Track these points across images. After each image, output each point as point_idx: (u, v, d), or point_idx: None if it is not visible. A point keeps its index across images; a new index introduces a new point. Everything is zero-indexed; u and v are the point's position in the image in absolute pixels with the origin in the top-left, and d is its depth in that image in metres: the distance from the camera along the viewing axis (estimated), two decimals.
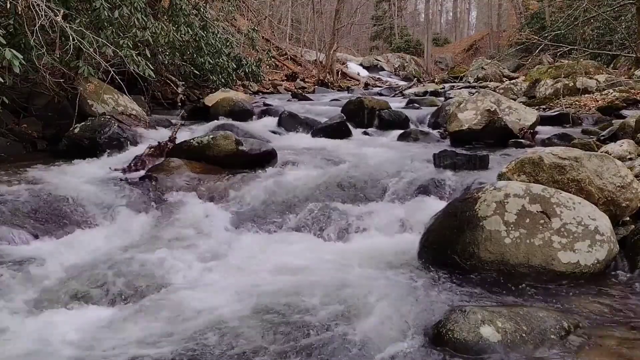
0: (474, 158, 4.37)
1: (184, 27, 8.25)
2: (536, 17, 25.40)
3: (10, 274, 2.69)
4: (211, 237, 3.38)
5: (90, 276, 2.68)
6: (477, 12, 52.57)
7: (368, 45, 41.10)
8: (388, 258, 2.94)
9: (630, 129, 5.04)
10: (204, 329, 2.17)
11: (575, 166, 3.12)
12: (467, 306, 2.13)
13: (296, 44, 26.22)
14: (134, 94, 7.38)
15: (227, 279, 2.72)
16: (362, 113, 7.50)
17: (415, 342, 2.02)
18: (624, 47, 13.54)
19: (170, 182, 4.26)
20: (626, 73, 11.83)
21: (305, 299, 2.42)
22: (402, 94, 14.14)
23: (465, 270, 2.68)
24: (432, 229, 2.98)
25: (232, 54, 10.81)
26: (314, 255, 3.05)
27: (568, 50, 11.79)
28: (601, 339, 2.02)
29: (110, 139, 5.45)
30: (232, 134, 4.92)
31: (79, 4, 6.28)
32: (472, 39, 40.05)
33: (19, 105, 6.10)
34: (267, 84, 16.01)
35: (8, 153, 5.35)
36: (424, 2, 38.29)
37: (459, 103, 6.40)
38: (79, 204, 3.78)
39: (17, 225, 3.29)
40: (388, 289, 2.52)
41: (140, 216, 3.73)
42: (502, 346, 1.91)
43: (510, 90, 10.69)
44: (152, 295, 2.52)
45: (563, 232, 2.64)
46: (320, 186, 4.06)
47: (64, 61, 5.75)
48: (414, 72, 28.34)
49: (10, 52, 4.30)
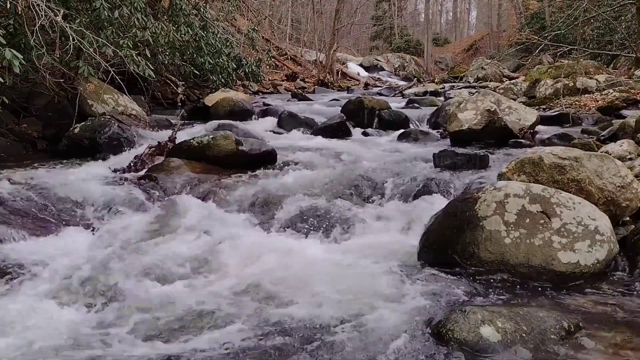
0: (474, 158, 4.37)
1: (184, 27, 8.26)
2: (536, 17, 25.40)
3: (10, 273, 2.69)
4: (211, 237, 3.37)
5: (89, 276, 2.68)
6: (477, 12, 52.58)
7: (368, 45, 41.09)
8: (388, 258, 2.94)
9: (630, 129, 5.04)
10: (203, 329, 2.17)
11: (575, 166, 3.12)
12: (467, 306, 2.13)
13: (296, 44, 26.22)
14: (134, 94, 7.38)
15: (227, 278, 2.72)
16: (362, 113, 7.50)
17: (415, 342, 2.02)
18: (624, 47, 13.54)
19: (170, 182, 4.26)
20: (626, 73, 11.82)
21: (304, 298, 2.42)
22: (402, 94, 14.14)
23: (465, 270, 2.68)
24: (432, 229, 2.98)
25: (232, 54, 10.81)
26: (313, 255, 3.05)
27: (568, 50, 11.79)
28: (601, 339, 2.02)
29: (110, 139, 5.45)
30: (232, 134, 4.93)
31: (79, 4, 6.28)
32: (472, 39, 40.05)
33: (19, 105, 6.09)
34: (267, 84, 16.01)
35: (8, 153, 5.35)
36: (424, 2, 38.30)
37: (459, 103, 6.40)
38: (78, 204, 3.78)
39: (17, 225, 3.29)
40: (388, 288, 2.52)
41: (140, 216, 3.73)
42: (502, 346, 1.91)
43: (510, 90, 10.69)
44: (151, 295, 2.51)
45: (563, 232, 2.64)
46: (319, 186, 4.06)
47: (64, 61, 5.75)
48: (414, 72, 28.33)
49: (10, 52, 4.30)
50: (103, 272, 2.70)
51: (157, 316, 2.30)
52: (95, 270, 2.74)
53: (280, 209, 3.77)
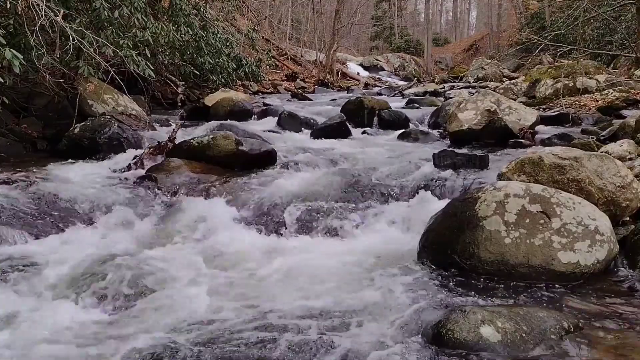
0: (474, 158, 4.37)
1: (184, 27, 8.25)
2: (536, 17, 25.42)
3: (10, 274, 2.69)
4: (211, 237, 3.37)
5: (89, 276, 2.67)
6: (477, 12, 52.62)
7: (368, 45, 41.11)
8: (387, 258, 2.94)
9: (630, 129, 5.03)
10: (203, 330, 2.17)
11: (575, 166, 3.12)
12: (467, 306, 2.13)
13: (296, 44, 26.23)
14: (134, 94, 7.37)
15: (227, 278, 2.73)
16: (362, 113, 7.50)
17: (415, 342, 2.02)
18: (624, 47, 13.53)
19: (170, 182, 4.26)
20: (626, 73, 11.82)
21: (304, 298, 2.42)
22: (402, 94, 14.14)
23: (465, 270, 2.68)
24: (431, 229, 2.98)
25: (232, 54, 10.81)
26: (313, 255, 3.05)
27: (568, 50, 11.78)
28: (601, 339, 2.02)
29: (110, 139, 5.45)
30: (232, 134, 4.92)
31: (79, 4, 6.28)
32: (472, 39, 40.07)
33: (19, 105, 6.09)
34: (267, 84, 16.00)
35: (8, 153, 5.34)
36: (424, 2, 38.28)
37: (459, 103, 6.40)
38: (78, 204, 3.78)
39: (17, 225, 3.29)
40: (387, 288, 2.52)
41: (140, 216, 3.73)
42: (502, 346, 1.91)
43: (510, 90, 10.68)
44: (151, 295, 2.51)
45: (563, 232, 2.64)
46: (319, 186, 4.05)
47: (64, 61, 5.75)
48: (414, 72, 28.34)
49: (10, 52, 4.30)
50: (103, 273, 2.69)
51: (158, 316, 2.30)
52: (95, 271, 2.73)
53: (280, 209, 3.76)
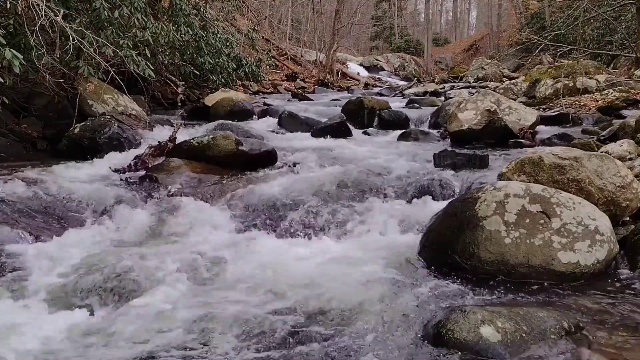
0: (474, 158, 4.37)
1: (184, 27, 8.25)
2: (536, 17, 25.42)
3: (10, 274, 2.69)
4: (211, 237, 3.38)
5: (89, 276, 2.67)
6: (477, 12, 52.62)
7: (368, 45, 41.10)
8: (388, 258, 2.93)
9: (630, 129, 5.03)
10: (202, 329, 2.17)
11: (575, 166, 3.12)
12: (467, 306, 2.13)
13: (296, 44, 26.22)
14: (134, 94, 7.37)
15: (226, 278, 2.73)
16: (362, 113, 7.51)
17: (415, 342, 2.02)
18: (624, 47, 13.53)
19: (171, 182, 4.26)
20: (626, 73, 11.82)
21: (304, 298, 2.42)
22: (402, 94, 14.14)
23: (465, 270, 2.68)
24: (432, 229, 2.98)
25: (232, 54, 10.80)
26: (313, 255, 3.05)
27: (568, 50, 11.78)
28: (601, 339, 2.02)
29: (110, 139, 5.45)
30: (232, 134, 4.92)
31: (79, 4, 6.28)
32: (472, 39, 40.07)
33: (19, 105, 6.09)
34: (267, 84, 15.99)
35: (8, 153, 5.34)
36: (424, 2, 38.28)
37: (459, 103, 6.40)
38: (79, 204, 3.78)
39: (17, 225, 3.29)
40: (388, 288, 2.52)
41: (140, 216, 3.72)
42: (502, 346, 1.91)
43: (510, 90, 10.68)
44: (150, 295, 2.51)
45: (563, 232, 2.64)
46: (320, 186, 4.05)
47: (64, 61, 5.74)
48: (414, 72, 28.34)
49: (10, 52, 4.30)
50: (102, 273, 2.69)
51: (158, 316, 2.30)
52: (94, 271, 2.73)
53: (280, 209, 3.76)
